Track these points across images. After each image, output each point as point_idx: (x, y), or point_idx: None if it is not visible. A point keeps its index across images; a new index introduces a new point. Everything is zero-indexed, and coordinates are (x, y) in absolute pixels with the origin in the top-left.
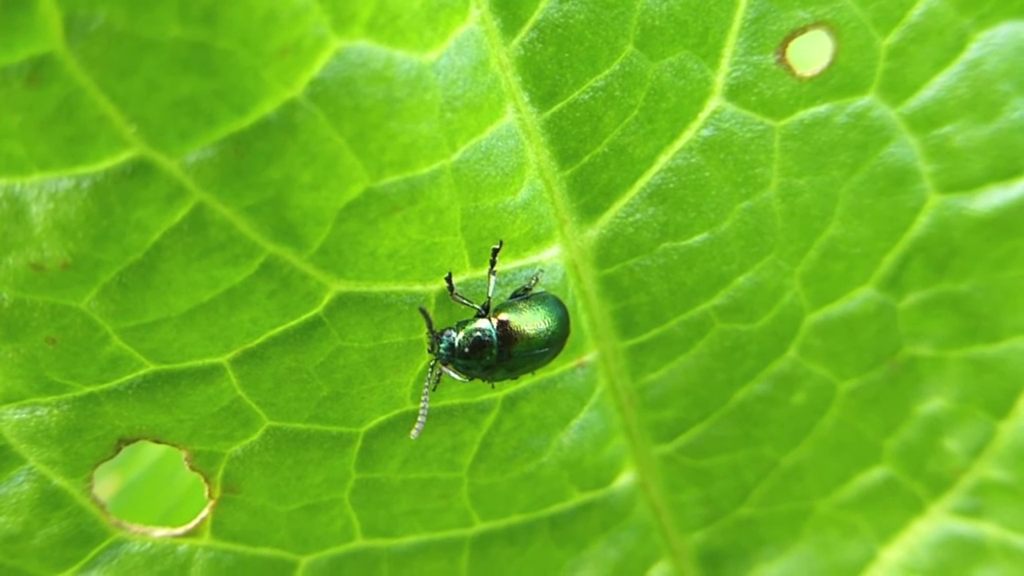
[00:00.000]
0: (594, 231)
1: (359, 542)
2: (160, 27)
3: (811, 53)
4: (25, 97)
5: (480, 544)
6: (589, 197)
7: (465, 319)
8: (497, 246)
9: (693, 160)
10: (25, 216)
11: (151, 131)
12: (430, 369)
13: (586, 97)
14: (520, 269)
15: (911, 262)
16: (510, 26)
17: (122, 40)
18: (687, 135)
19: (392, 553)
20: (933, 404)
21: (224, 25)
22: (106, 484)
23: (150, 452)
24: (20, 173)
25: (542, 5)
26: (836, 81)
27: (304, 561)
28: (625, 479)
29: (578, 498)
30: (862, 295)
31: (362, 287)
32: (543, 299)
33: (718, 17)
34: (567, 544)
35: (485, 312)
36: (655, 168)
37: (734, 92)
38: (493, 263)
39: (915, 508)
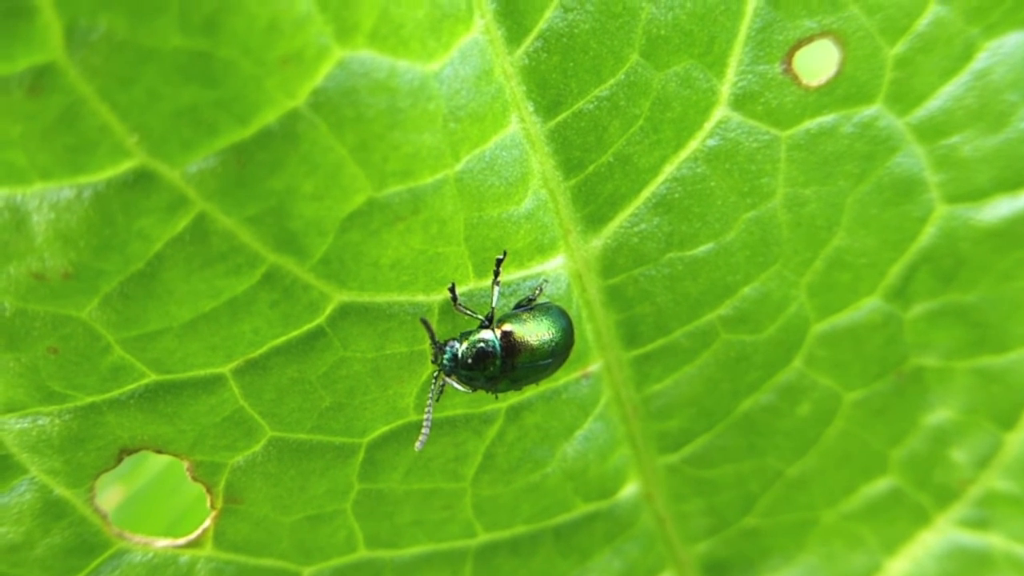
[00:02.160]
0: (599, 241)
1: (362, 553)
2: (161, 36)
3: (817, 63)
4: (26, 106)
5: (484, 555)
6: (594, 207)
7: (468, 330)
8: (501, 256)
9: (699, 170)
10: (26, 226)
11: (153, 141)
12: (433, 380)
13: (591, 107)
14: (524, 279)
15: (918, 272)
16: (514, 35)
17: (123, 49)
18: (693, 145)
19: (395, 564)
20: (939, 415)
21: (226, 34)
22: (112, 493)
23: (156, 462)
24: (21, 183)
25: (547, 14)
26: (843, 91)
27: (307, 572)
28: (630, 490)
29: (582, 509)
30: (868, 305)
31: (365, 297)
32: (547, 309)
33: (724, 26)
34: (571, 555)
35: (488, 323)
36: (660, 178)
37: (740, 102)
38: (497, 273)
39: (921, 519)
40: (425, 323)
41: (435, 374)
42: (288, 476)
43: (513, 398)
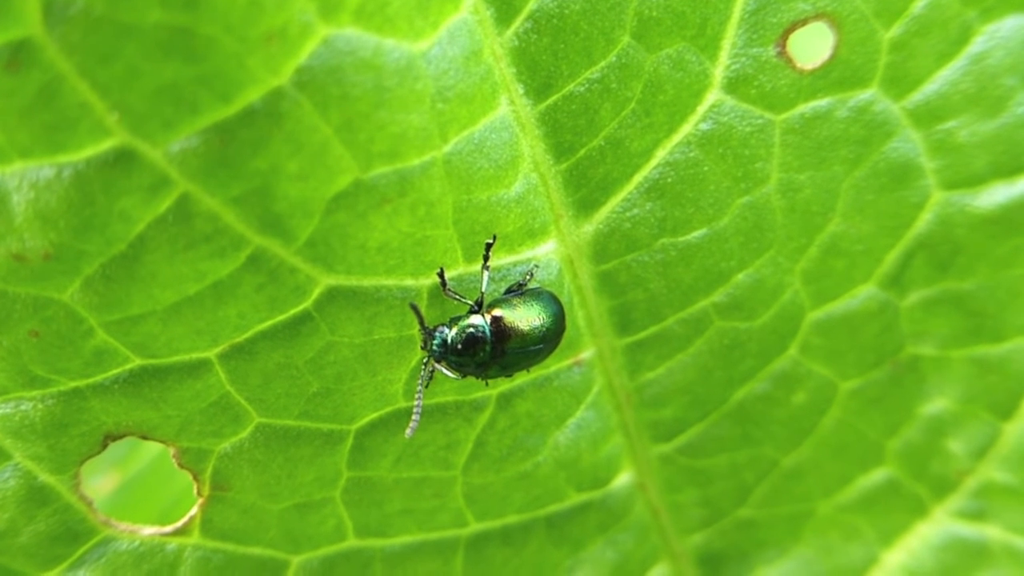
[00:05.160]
0: (590, 226)
1: (351, 542)
2: (140, 12)
3: (812, 46)
4: (4, 83)
5: (475, 544)
6: (585, 191)
7: (458, 315)
8: (491, 240)
9: (691, 154)
10: (6, 205)
11: (134, 119)
12: (423, 366)
13: (582, 89)
14: (514, 264)
15: (914, 260)
16: (504, 16)
17: (102, 25)
18: (685, 129)
19: (385, 553)
20: (936, 404)
21: (207, 10)
22: (106, 480)
23: (150, 448)
24: (0, 161)
25: None
26: (837, 74)
27: (296, 561)
28: (623, 479)
29: (575, 498)
30: (864, 293)
31: (352, 281)
32: (538, 295)
33: (717, 8)
34: (564, 545)
35: (478, 308)
36: (653, 162)
37: (733, 85)
38: (486, 258)
39: (918, 510)
40: (414, 308)
41: (424, 360)
42: (276, 463)
43: (504, 385)
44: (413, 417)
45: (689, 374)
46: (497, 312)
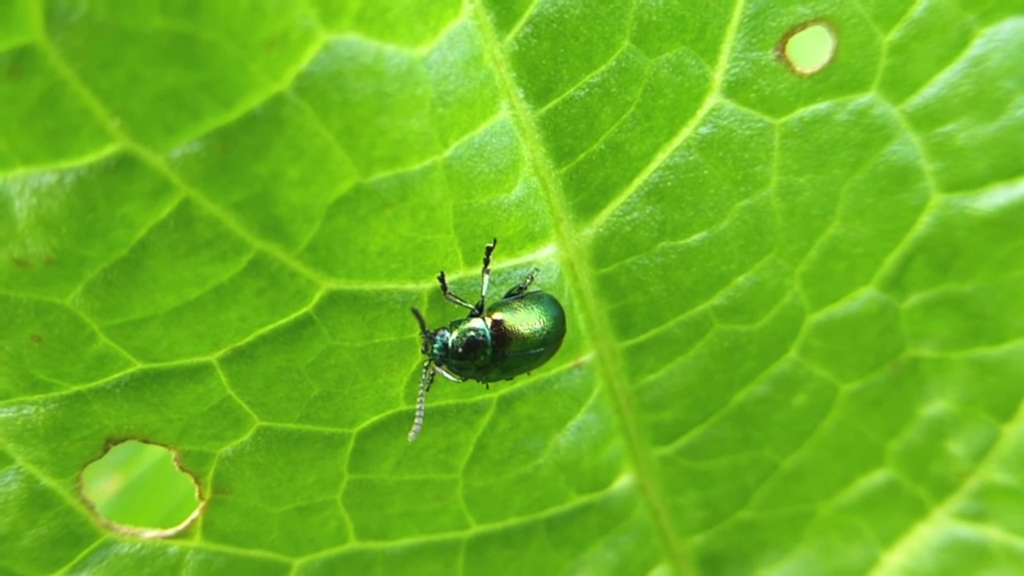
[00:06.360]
0: (590, 230)
1: (352, 544)
2: (142, 18)
3: (811, 49)
4: (6, 90)
5: (476, 547)
6: (585, 195)
7: (459, 319)
8: (491, 244)
9: (691, 158)
10: (8, 211)
11: (135, 125)
12: (424, 370)
13: (582, 93)
14: (515, 268)
15: (914, 262)
16: (504, 21)
17: (104, 31)
18: (685, 132)
19: (386, 556)
20: (936, 406)
21: (208, 16)
22: (109, 483)
23: (153, 452)
24: (3, 167)
25: None
26: (837, 78)
27: (297, 563)
28: (624, 481)
29: (576, 500)
30: (864, 295)
31: (353, 285)
32: (538, 298)
33: (716, 12)
34: (565, 547)
35: (479, 311)
36: (653, 166)
37: (733, 89)
38: (487, 261)
39: (918, 512)
40: (416, 312)
41: (425, 363)
42: (277, 466)
43: (504, 388)
44: (416, 421)
45: (689, 377)
46: (498, 316)
